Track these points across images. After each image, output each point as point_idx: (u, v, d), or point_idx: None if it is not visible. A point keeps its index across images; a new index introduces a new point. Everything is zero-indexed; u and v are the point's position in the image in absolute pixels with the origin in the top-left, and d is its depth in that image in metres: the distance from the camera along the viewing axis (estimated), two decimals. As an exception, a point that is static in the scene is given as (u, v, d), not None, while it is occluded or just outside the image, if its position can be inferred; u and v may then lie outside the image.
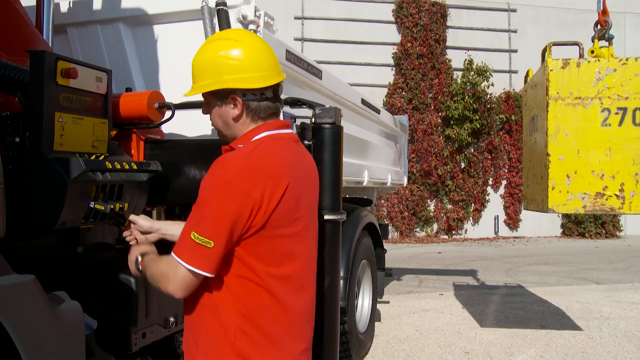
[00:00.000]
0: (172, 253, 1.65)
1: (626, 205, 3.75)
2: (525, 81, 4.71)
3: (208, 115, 1.89)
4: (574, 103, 3.81)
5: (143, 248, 1.91)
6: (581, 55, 4.12)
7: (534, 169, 4.27)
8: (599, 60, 3.83)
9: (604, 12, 4.53)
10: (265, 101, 1.78)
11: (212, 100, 1.81)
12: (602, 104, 3.78)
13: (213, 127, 1.91)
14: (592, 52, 4.35)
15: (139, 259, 1.84)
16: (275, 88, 1.80)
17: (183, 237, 1.64)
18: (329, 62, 13.68)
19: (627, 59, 3.81)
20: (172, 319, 2.60)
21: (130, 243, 2.13)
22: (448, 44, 15.55)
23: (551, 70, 3.85)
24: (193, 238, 1.60)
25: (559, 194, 3.79)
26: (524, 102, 4.83)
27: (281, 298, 1.71)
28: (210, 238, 1.59)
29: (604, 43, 4.30)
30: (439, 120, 15.16)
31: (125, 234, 2.18)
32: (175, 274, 1.63)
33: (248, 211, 1.60)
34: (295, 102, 2.87)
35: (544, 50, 4.14)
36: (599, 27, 4.52)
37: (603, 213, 3.86)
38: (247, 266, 1.66)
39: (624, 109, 3.78)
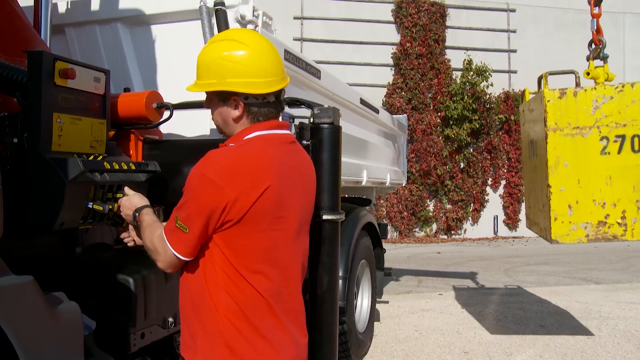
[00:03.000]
0: (163, 232, 1.77)
1: (628, 232, 3.74)
2: (522, 100, 4.63)
3: (206, 116, 1.91)
4: (572, 133, 3.78)
5: (137, 201, 2.00)
6: (577, 84, 4.07)
7: (535, 193, 4.24)
8: (595, 89, 3.80)
9: (598, 31, 4.50)
10: (266, 107, 1.81)
11: (214, 99, 1.84)
12: (600, 132, 3.76)
13: (212, 127, 1.93)
14: (588, 73, 4.32)
15: (137, 214, 1.95)
16: (278, 93, 1.83)
17: (171, 218, 1.75)
18: (328, 62, 13.68)
19: (623, 86, 3.78)
20: (170, 320, 2.60)
21: (129, 245, 2.14)
22: (447, 44, 15.56)
23: (548, 101, 3.82)
24: (175, 220, 1.72)
25: (562, 224, 3.77)
26: (521, 122, 4.79)
27: (267, 293, 1.75)
28: (186, 224, 1.69)
29: (599, 63, 4.26)
30: (438, 120, 15.16)
31: (123, 235, 2.19)
32: (165, 253, 1.77)
33: (221, 206, 1.66)
34: (294, 102, 2.86)
35: (540, 78, 4.11)
36: (593, 46, 4.47)
37: (606, 241, 3.82)
38: (230, 260, 1.71)
39: (623, 137, 3.75)
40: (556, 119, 3.80)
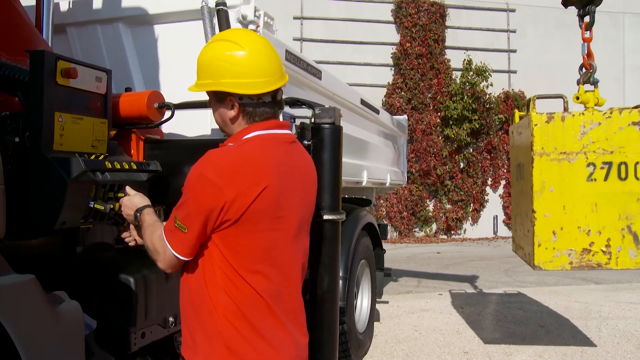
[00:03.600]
0: (163, 232, 1.77)
1: (612, 261, 3.69)
2: (512, 122, 4.55)
3: (207, 115, 1.92)
4: (559, 158, 3.74)
5: (139, 201, 2.00)
6: (565, 109, 4.02)
7: (520, 217, 4.19)
8: (583, 114, 3.76)
9: (589, 55, 4.46)
10: (262, 107, 1.81)
11: (213, 99, 1.86)
12: (587, 158, 3.71)
13: (213, 127, 1.95)
14: (577, 98, 4.25)
15: (138, 214, 1.95)
16: (275, 93, 1.82)
17: (170, 217, 1.76)
18: (328, 62, 13.68)
19: (611, 112, 3.74)
20: (171, 319, 2.60)
21: (130, 244, 2.14)
22: (447, 44, 15.56)
23: (535, 124, 3.77)
24: (174, 220, 1.72)
25: (545, 250, 3.73)
26: (510, 144, 4.74)
27: (266, 293, 1.75)
28: (184, 224, 1.70)
29: (589, 87, 4.21)
30: (438, 120, 15.17)
31: (124, 234, 2.19)
32: (164, 253, 1.77)
33: (220, 206, 1.66)
34: (295, 102, 2.87)
35: (529, 101, 4.05)
36: (583, 70, 4.39)
37: (590, 269, 3.76)
38: (229, 260, 1.72)
39: (609, 164, 3.71)
40: (543, 144, 3.76)
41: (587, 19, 4.50)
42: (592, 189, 3.70)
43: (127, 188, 2.13)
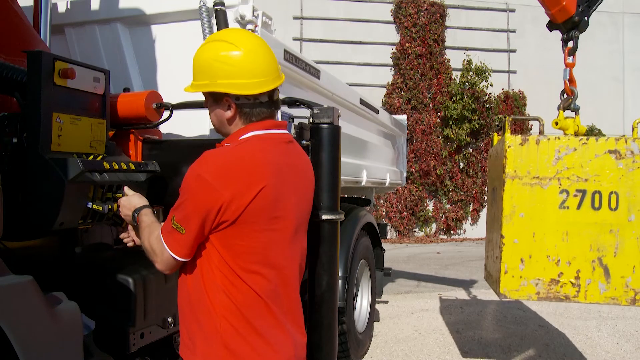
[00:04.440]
0: (160, 233, 1.78)
1: (581, 294, 3.56)
2: (492, 145, 4.42)
3: (206, 116, 1.93)
4: (531, 183, 3.61)
5: (137, 201, 2.01)
6: (541, 132, 3.89)
7: (492, 244, 4.06)
8: (559, 139, 3.63)
9: (571, 80, 4.34)
10: (258, 107, 1.81)
11: (209, 99, 1.86)
12: (560, 185, 3.60)
13: (211, 127, 1.94)
14: (557, 123, 4.18)
15: (136, 215, 1.95)
16: (271, 93, 1.82)
17: (168, 218, 1.76)
18: (327, 62, 13.68)
19: (587, 139, 3.61)
20: (170, 320, 2.60)
21: (128, 245, 2.14)
22: (447, 44, 15.56)
23: (509, 146, 3.65)
24: (172, 221, 1.72)
25: (512, 279, 3.61)
26: (488, 169, 4.60)
27: (264, 293, 1.75)
28: (182, 225, 1.70)
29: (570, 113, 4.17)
30: (438, 120, 15.17)
31: (122, 235, 2.19)
32: (162, 254, 1.77)
33: (217, 207, 1.66)
34: (294, 102, 2.86)
35: (504, 124, 3.95)
36: (565, 96, 4.31)
37: (557, 301, 3.62)
38: (227, 261, 1.72)
39: (583, 192, 3.58)
40: (515, 167, 3.64)
41: (570, 44, 4.45)
42: (564, 217, 3.58)
43: (126, 188, 2.12)
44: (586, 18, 4.41)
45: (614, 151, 3.56)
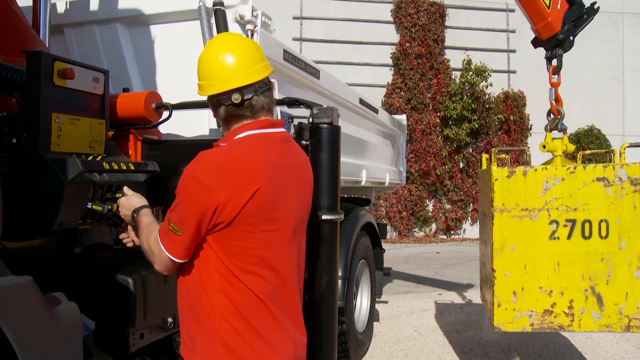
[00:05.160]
0: (158, 234, 1.78)
1: (575, 323, 3.55)
2: (481, 164, 4.35)
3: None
4: (520, 215, 3.59)
5: (136, 202, 2.02)
6: (527, 163, 3.84)
7: (485, 268, 4.02)
8: (546, 169, 3.62)
9: (557, 100, 4.27)
10: (223, 106, 1.82)
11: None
12: (550, 215, 3.57)
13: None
14: (544, 146, 4.13)
15: (135, 215, 1.96)
16: (243, 94, 1.79)
17: (165, 219, 1.77)
18: (327, 62, 13.67)
19: (575, 168, 3.58)
20: (170, 320, 2.59)
21: (128, 245, 2.14)
22: (446, 44, 15.55)
23: (496, 179, 3.62)
24: (169, 222, 1.73)
25: (505, 311, 3.59)
26: (479, 189, 4.54)
27: (262, 294, 1.75)
28: (178, 227, 1.70)
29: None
30: (438, 120, 15.16)
31: (122, 235, 2.19)
32: (160, 255, 1.77)
33: (213, 208, 1.66)
34: (293, 102, 2.86)
35: (490, 154, 3.86)
36: (551, 116, 4.26)
37: (551, 331, 3.61)
38: (224, 262, 1.72)
39: (573, 221, 3.55)
40: (504, 199, 3.61)
41: (555, 62, 4.40)
42: (555, 247, 3.56)
43: (125, 188, 2.13)
44: (572, 37, 4.36)
45: (602, 178, 3.53)
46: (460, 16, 15.74)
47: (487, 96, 15.17)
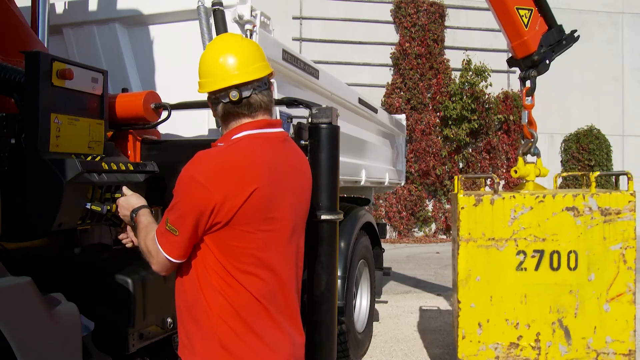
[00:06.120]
0: (155, 234, 1.77)
1: (542, 357, 3.47)
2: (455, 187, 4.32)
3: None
4: (487, 245, 3.48)
5: (135, 202, 2.02)
6: (495, 190, 3.74)
7: (456, 291, 3.88)
8: (514, 197, 3.52)
9: (530, 123, 4.19)
10: (221, 104, 1.82)
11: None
12: (517, 246, 3.48)
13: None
14: (516, 171, 4.04)
15: (134, 215, 1.96)
16: (241, 92, 1.80)
17: (162, 220, 1.76)
18: (327, 62, 13.67)
19: (544, 196, 3.48)
20: (169, 320, 2.59)
21: (127, 246, 2.14)
22: (446, 44, 15.55)
23: (462, 208, 3.52)
24: (166, 223, 1.72)
25: (470, 343, 3.49)
26: (451, 212, 4.44)
27: (260, 294, 1.75)
28: (175, 227, 1.70)
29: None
30: (437, 120, 15.16)
31: (121, 236, 2.19)
32: (157, 256, 1.77)
33: (210, 208, 1.66)
34: (292, 102, 2.86)
35: (456, 180, 3.82)
36: (524, 140, 4.17)
37: None
38: (221, 262, 1.72)
39: (541, 252, 3.47)
40: (470, 229, 3.51)
41: (528, 83, 4.33)
42: (522, 279, 3.48)
43: (124, 189, 2.13)
44: (548, 61, 4.29)
45: (572, 208, 3.45)
46: (460, 16, 15.74)
47: (486, 96, 15.17)
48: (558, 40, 4.34)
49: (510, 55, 4.45)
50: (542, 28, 4.29)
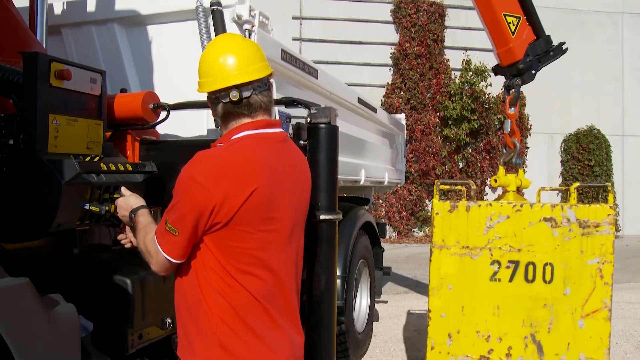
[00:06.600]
0: (155, 235, 1.77)
1: None
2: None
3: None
4: (460, 253, 3.37)
5: (134, 202, 2.02)
6: (471, 197, 3.62)
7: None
8: (490, 205, 3.41)
9: (512, 132, 4.11)
10: (221, 104, 1.82)
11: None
12: (492, 255, 3.36)
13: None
14: (495, 180, 3.96)
15: (133, 216, 1.96)
16: (242, 92, 1.80)
17: (162, 220, 1.76)
18: (327, 62, 13.66)
19: (521, 206, 3.38)
20: (168, 320, 2.59)
21: (126, 246, 2.14)
22: (446, 44, 15.54)
23: (437, 213, 3.41)
24: (165, 223, 1.72)
25: (439, 355, 3.39)
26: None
27: (259, 294, 1.75)
28: (175, 227, 1.69)
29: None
30: (437, 120, 15.16)
31: (120, 236, 2.19)
32: (156, 256, 1.77)
33: (209, 208, 1.66)
34: (291, 102, 2.86)
35: (434, 187, 3.69)
36: (506, 150, 4.09)
37: None
38: (221, 262, 1.72)
39: (516, 263, 3.35)
40: (443, 235, 3.40)
41: (512, 92, 4.20)
42: (495, 290, 3.37)
43: (123, 189, 2.12)
44: (533, 71, 4.24)
45: (550, 219, 3.34)
46: (459, 16, 15.73)
47: (486, 96, 15.16)
48: (545, 50, 4.29)
49: (496, 63, 4.42)
50: (529, 37, 4.25)
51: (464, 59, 15.16)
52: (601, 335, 3.34)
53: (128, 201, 2.03)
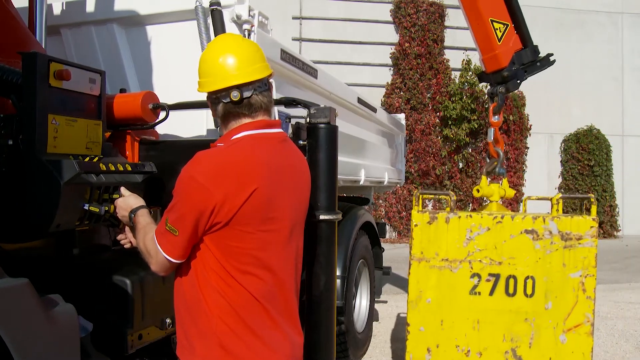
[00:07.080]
0: (154, 234, 1.77)
1: None
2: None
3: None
4: (440, 266, 3.32)
5: (133, 202, 2.02)
6: (451, 208, 3.56)
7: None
8: (470, 217, 3.34)
9: (497, 141, 4.04)
10: (222, 104, 1.82)
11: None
12: (472, 268, 3.30)
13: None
14: (478, 190, 3.88)
15: (132, 216, 1.96)
16: (242, 92, 1.80)
17: (162, 220, 1.76)
18: (327, 62, 13.67)
19: (502, 217, 3.31)
20: (168, 320, 2.59)
21: (126, 246, 2.14)
22: (446, 44, 15.54)
23: (416, 225, 3.35)
24: (165, 223, 1.72)
25: None
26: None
27: (259, 294, 1.75)
28: (175, 227, 1.70)
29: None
30: (437, 121, 15.16)
31: (120, 236, 2.19)
32: (156, 256, 1.77)
33: (210, 208, 1.66)
34: (291, 102, 2.86)
35: (418, 197, 3.66)
36: (489, 159, 4.03)
37: None
38: (221, 262, 1.72)
39: (497, 276, 3.28)
40: (422, 248, 3.34)
41: (496, 100, 4.22)
42: (475, 303, 3.31)
43: (122, 189, 2.13)
44: (518, 81, 4.19)
45: (531, 231, 3.28)
46: (459, 16, 15.58)
47: (486, 96, 15.15)
48: (532, 60, 4.24)
49: (481, 70, 4.39)
50: (516, 45, 4.20)
51: (463, 59, 15.16)
52: (583, 350, 3.28)
53: (127, 201, 2.03)
